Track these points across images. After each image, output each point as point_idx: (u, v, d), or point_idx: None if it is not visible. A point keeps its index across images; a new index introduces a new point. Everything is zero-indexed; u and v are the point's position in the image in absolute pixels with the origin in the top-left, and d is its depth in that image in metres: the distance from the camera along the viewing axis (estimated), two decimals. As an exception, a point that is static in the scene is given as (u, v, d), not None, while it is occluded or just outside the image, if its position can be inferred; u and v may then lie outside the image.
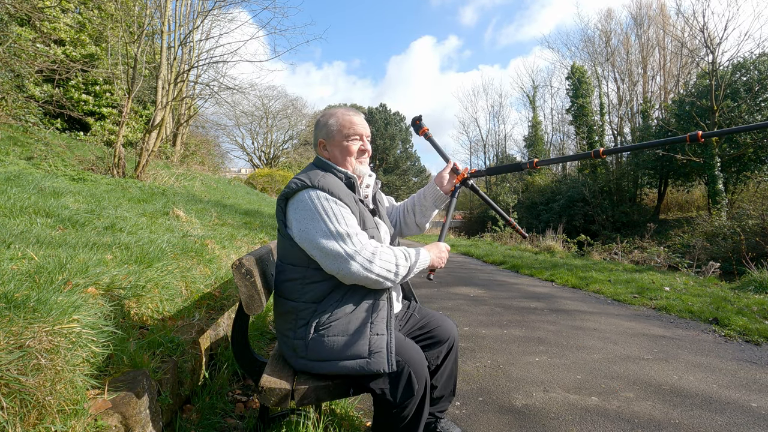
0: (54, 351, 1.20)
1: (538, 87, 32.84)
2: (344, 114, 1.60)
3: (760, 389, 2.40)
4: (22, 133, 7.47)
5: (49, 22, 8.98)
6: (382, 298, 1.47)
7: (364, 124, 1.62)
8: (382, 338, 1.40)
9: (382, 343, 1.39)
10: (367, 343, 1.38)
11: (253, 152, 33.45)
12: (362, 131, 1.60)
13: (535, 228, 17.29)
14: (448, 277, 6.57)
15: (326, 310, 1.43)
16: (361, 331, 1.40)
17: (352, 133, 1.58)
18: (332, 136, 1.59)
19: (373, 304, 1.45)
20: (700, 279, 6.18)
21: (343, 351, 1.38)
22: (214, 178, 14.99)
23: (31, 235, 2.37)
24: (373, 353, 1.36)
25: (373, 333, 1.40)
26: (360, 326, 1.40)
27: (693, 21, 16.51)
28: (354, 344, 1.38)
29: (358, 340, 1.38)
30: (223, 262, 3.43)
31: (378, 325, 1.42)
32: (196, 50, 12.09)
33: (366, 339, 1.39)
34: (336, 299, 1.45)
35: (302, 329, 1.45)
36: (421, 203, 1.84)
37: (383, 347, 1.38)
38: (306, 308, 1.46)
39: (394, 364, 1.36)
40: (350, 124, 1.58)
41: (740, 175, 16.77)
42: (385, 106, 44.21)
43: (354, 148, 1.59)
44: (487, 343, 3.24)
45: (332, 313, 1.42)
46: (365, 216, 1.52)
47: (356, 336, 1.39)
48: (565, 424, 2.00)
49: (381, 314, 1.44)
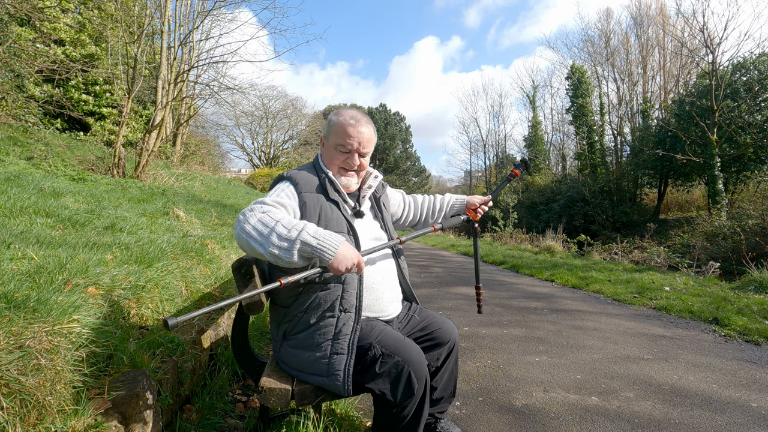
0: (54, 351, 1.20)
1: (538, 87, 32.84)
2: (345, 121, 1.54)
3: (760, 389, 2.40)
4: (22, 133, 7.47)
5: (49, 22, 8.98)
6: (349, 311, 1.40)
7: (361, 137, 1.53)
8: (341, 359, 1.35)
9: (341, 364, 1.34)
10: (327, 362, 1.36)
11: (253, 152, 33.47)
12: (355, 146, 1.52)
13: (535, 228, 17.28)
14: (448, 277, 6.57)
15: (293, 318, 1.44)
16: (322, 347, 1.37)
17: (342, 145, 1.53)
18: (328, 137, 1.59)
19: (338, 318, 1.39)
20: (700, 279, 6.17)
21: (307, 365, 1.39)
22: (214, 178, 14.99)
23: (31, 235, 2.37)
24: (332, 374, 1.35)
25: (333, 351, 1.36)
26: (321, 342, 1.38)
27: (693, 21, 16.50)
28: (315, 361, 1.37)
29: (319, 358, 1.37)
30: (223, 262, 3.43)
31: (340, 342, 1.37)
32: (196, 50, 12.11)
33: (327, 357, 1.36)
34: (302, 307, 1.42)
35: (275, 330, 1.50)
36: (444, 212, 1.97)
37: (341, 369, 1.34)
38: (278, 310, 1.50)
39: (350, 389, 1.33)
40: (344, 135, 1.52)
41: (740, 175, 16.75)
42: (385, 106, 44.19)
43: (339, 160, 1.55)
44: (487, 343, 3.24)
45: (297, 323, 1.42)
46: (329, 217, 1.47)
47: (317, 351, 1.38)
48: (565, 424, 2.00)
49: (345, 330, 1.38)
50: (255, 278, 1.44)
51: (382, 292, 1.55)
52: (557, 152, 31.85)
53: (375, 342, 1.40)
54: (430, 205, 1.98)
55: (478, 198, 1.91)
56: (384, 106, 44.19)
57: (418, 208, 1.98)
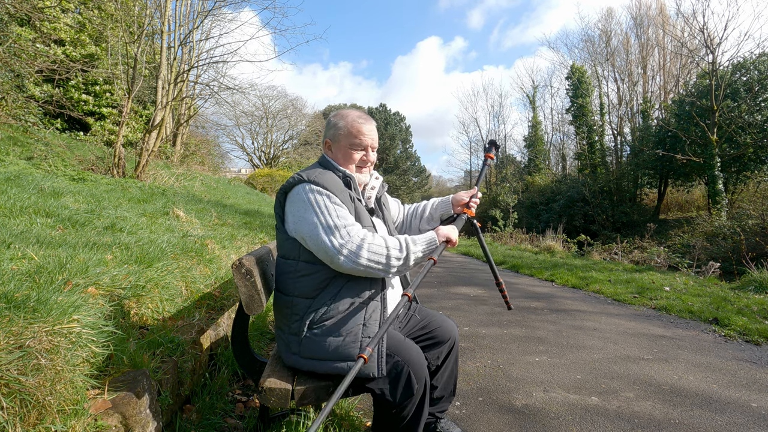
0: (54, 351, 1.20)
1: (538, 87, 32.81)
2: (354, 120, 1.56)
3: (760, 389, 2.40)
4: (22, 133, 7.47)
5: (49, 22, 8.98)
6: (377, 298, 1.44)
7: (372, 134, 1.59)
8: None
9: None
10: (359, 346, 1.37)
11: (253, 152, 33.47)
12: (369, 142, 1.58)
13: (535, 228, 17.28)
14: (448, 277, 6.57)
15: (320, 307, 1.42)
16: (353, 332, 1.38)
17: (358, 143, 1.56)
18: (338, 140, 1.58)
19: (367, 304, 1.43)
20: (700, 279, 6.18)
21: (335, 352, 1.37)
22: (214, 178, 14.99)
23: (31, 235, 2.37)
24: None
25: (365, 335, 1.38)
26: (352, 327, 1.39)
27: (693, 21, 16.50)
28: (346, 346, 1.37)
29: (350, 342, 1.37)
30: (223, 262, 3.43)
31: (370, 327, 1.40)
32: (196, 50, 12.12)
33: (358, 341, 1.37)
34: (330, 296, 1.43)
35: (296, 324, 1.45)
36: (431, 214, 1.89)
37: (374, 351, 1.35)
38: (299, 303, 1.46)
39: (384, 369, 1.34)
40: (358, 134, 1.56)
41: (740, 175, 16.75)
42: (385, 106, 44.17)
43: (356, 158, 1.57)
44: (487, 343, 3.24)
45: (325, 311, 1.41)
46: (361, 213, 1.50)
47: (348, 337, 1.38)
48: (565, 424, 2.00)
49: (374, 315, 1.42)
50: (255, 278, 1.45)
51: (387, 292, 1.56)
52: (557, 152, 31.86)
53: (375, 342, 1.40)
54: (412, 209, 1.95)
55: (465, 193, 1.84)
56: (384, 106, 44.17)
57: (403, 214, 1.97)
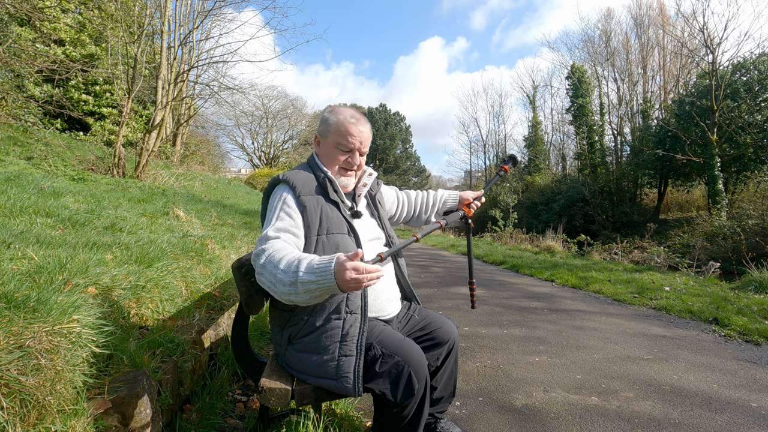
0: (54, 351, 1.20)
1: (538, 87, 32.78)
2: (346, 119, 1.51)
3: (760, 389, 2.40)
4: (22, 133, 7.47)
5: (49, 22, 8.99)
6: (355, 312, 1.39)
7: (362, 136, 1.52)
8: (350, 361, 1.34)
9: (350, 366, 1.34)
10: (335, 365, 1.34)
11: (253, 152, 33.50)
12: (356, 145, 1.51)
13: (535, 228, 17.28)
14: (448, 277, 6.57)
15: (297, 321, 1.41)
16: (329, 350, 1.36)
17: (344, 144, 1.50)
18: (326, 136, 1.55)
19: (344, 320, 1.37)
20: (700, 279, 6.17)
21: (314, 369, 1.37)
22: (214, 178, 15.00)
23: (31, 235, 2.37)
24: (341, 377, 1.33)
25: (342, 353, 1.35)
26: (329, 344, 1.36)
27: (693, 21, 16.49)
28: (322, 364, 1.36)
29: (327, 361, 1.35)
30: (223, 262, 3.42)
31: (348, 344, 1.36)
32: (196, 50, 12.11)
33: (335, 360, 1.35)
34: (306, 309, 1.40)
35: (278, 334, 1.48)
36: (437, 208, 1.96)
37: (350, 371, 1.33)
38: (280, 314, 1.47)
39: (360, 390, 1.32)
40: (346, 134, 1.49)
41: (740, 175, 16.75)
42: (385, 106, 44.16)
43: (341, 159, 1.53)
44: (487, 343, 3.24)
45: (303, 326, 1.40)
46: (333, 218, 1.46)
47: (325, 354, 1.36)
48: (565, 424, 2.00)
49: (352, 332, 1.37)
50: (255, 278, 1.45)
51: (380, 291, 1.55)
52: (557, 152, 31.82)
53: (375, 342, 1.40)
54: (423, 201, 1.97)
55: (471, 193, 1.90)
56: (384, 106, 44.16)
57: (412, 204, 1.97)
